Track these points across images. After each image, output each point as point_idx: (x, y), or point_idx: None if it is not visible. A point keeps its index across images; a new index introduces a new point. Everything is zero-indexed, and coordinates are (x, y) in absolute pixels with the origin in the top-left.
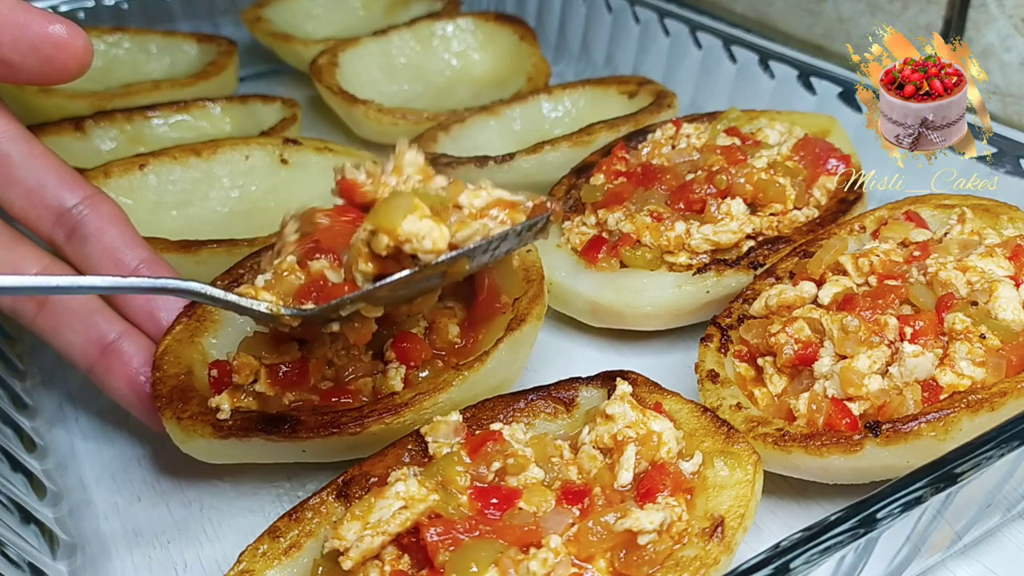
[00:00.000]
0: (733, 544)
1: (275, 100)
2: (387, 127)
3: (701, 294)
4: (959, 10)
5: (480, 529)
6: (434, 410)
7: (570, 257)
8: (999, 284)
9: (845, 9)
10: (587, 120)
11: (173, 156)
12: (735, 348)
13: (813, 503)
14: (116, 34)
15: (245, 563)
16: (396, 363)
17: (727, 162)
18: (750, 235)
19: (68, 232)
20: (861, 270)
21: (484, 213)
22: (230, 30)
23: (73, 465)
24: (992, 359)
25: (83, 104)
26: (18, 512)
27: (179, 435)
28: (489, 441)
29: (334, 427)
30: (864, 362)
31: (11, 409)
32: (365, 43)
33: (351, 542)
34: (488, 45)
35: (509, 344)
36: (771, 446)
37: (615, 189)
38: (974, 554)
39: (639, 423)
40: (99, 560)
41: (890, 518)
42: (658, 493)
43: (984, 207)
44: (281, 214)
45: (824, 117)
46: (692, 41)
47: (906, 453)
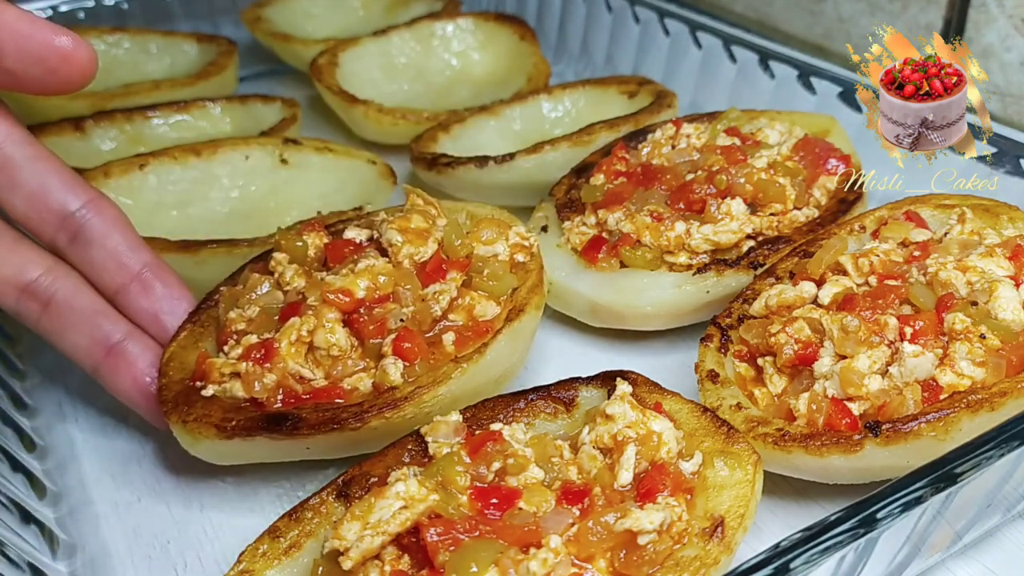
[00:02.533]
0: (733, 544)
1: (275, 100)
2: (387, 127)
3: (701, 294)
4: (959, 10)
5: (480, 529)
6: (434, 403)
7: (570, 257)
8: (999, 284)
9: (845, 9)
10: (587, 120)
11: (173, 156)
12: (735, 348)
13: (813, 503)
14: (116, 34)
15: (245, 563)
16: (394, 358)
17: (727, 162)
18: (750, 235)
19: (71, 236)
20: (861, 270)
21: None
22: (230, 30)
23: (73, 465)
24: (992, 359)
25: (83, 104)
26: (18, 512)
27: (186, 439)
28: (489, 441)
29: (335, 423)
30: (864, 362)
31: (11, 409)
32: (365, 43)
33: (351, 542)
34: (488, 45)
35: (508, 335)
36: (771, 446)
37: (615, 189)
38: (974, 554)
39: (639, 423)
40: (99, 560)
41: (890, 518)
42: (658, 493)
43: (984, 207)
44: (281, 213)
45: (824, 117)
46: (692, 41)
47: (906, 453)
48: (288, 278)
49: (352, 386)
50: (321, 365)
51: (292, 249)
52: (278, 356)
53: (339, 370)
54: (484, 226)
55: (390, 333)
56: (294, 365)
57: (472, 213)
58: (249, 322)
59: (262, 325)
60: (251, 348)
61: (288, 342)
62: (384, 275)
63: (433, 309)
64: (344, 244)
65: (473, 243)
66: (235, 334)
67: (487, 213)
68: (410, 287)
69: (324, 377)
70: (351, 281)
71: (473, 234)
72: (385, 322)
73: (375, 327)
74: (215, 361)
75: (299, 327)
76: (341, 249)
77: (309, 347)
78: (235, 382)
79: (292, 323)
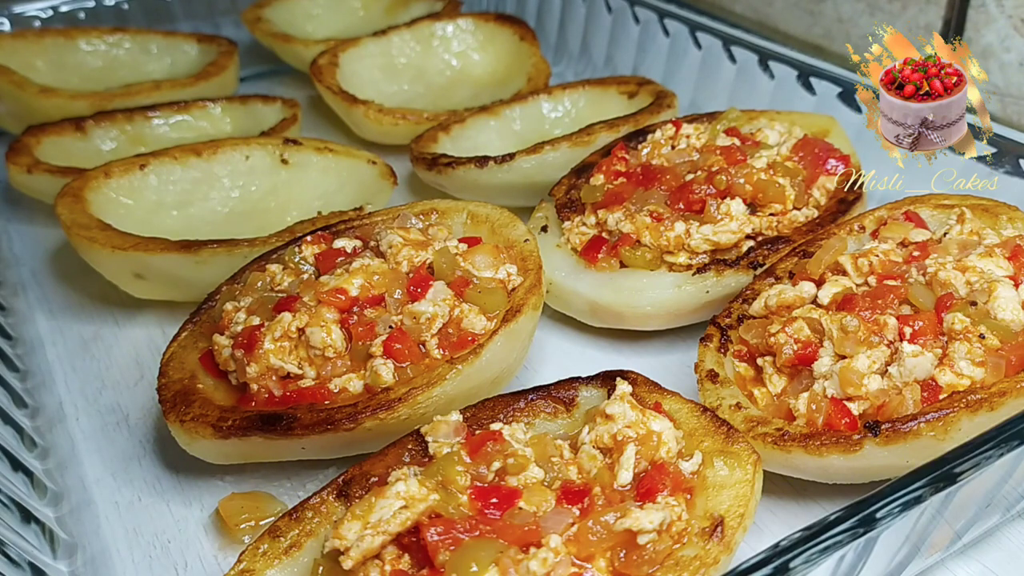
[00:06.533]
0: (733, 544)
1: (275, 100)
2: (387, 127)
3: (701, 294)
4: (959, 10)
5: (480, 529)
6: (429, 404)
7: (570, 257)
8: (998, 284)
9: (845, 9)
10: (587, 120)
11: (173, 156)
12: (735, 348)
13: (813, 503)
14: (117, 34)
15: (245, 563)
16: (384, 359)
17: (727, 162)
18: (750, 235)
19: None
20: (860, 270)
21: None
22: (230, 30)
23: (73, 465)
24: (991, 359)
25: (84, 104)
26: (18, 512)
27: (183, 438)
28: (489, 441)
29: (329, 424)
30: (863, 362)
31: (11, 409)
32: (365, 43)
33: (351, 542)
34: (488, 45)
35: (505, 335)
36: (771, 446)
37: (615, 189)
38: (974, 554)
39: (639, 423)
40: (99, 560)
41: (890, 518)
42: (658, 493)
43: (984, 207)
44: (282, 213)
45: (824, 117)
46: (692, 41)
47: (905, 453)
48: (279, 280)
49: (340, 387)
50: (314, 364)
51: (289, 261)
52: (261, 349)
53: (328, 370)
54: (480, 252)
55: (378, 336)
56: (276, 361)
57: (472, 213)
58: (245, 311)
59: (255, 313)
60: (237, 336)
61: (272, 338)
62: (379, 275)
63: (423, 335)
64: (336, 253)
65: (468, 268)
66: (231, 324)
67: (487, 213)
68: (399, 294)
69: (315, 377)
70: (346, 280)
71: (468, 261)
72: (374, 325)
73: (364, 329)
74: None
75: (287, 324)
76: (332, 259)
77: (296, 344)
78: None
79: (281, 318)
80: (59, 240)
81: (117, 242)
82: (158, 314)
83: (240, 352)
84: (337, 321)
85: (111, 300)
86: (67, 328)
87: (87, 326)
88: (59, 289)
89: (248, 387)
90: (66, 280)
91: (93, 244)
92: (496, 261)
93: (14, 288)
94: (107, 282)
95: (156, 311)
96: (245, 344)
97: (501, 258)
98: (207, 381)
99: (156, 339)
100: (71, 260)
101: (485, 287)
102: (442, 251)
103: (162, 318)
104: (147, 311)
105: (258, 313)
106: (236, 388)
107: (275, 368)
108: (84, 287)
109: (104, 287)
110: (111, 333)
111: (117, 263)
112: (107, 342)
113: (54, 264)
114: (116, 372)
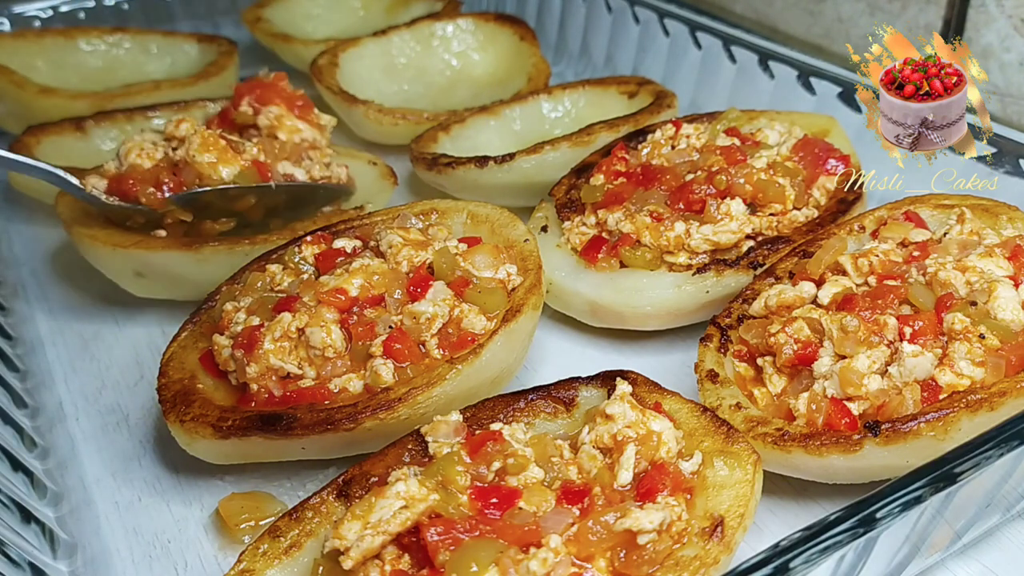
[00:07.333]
0: (733, 544)
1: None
2: (387, 127)
3: (701, 294)
4: (959, 10)
5: (480, 529)
6: (429, 404)
7: (570, 257)
8: (998, 284)
9: (845, 9)
10: (587, 120)
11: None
12: (735, 348)
13: (813, 503)
14: (116, 34)
15: (245, 563)
16: (383, 359)
17: (727, 162)
18: (750, 235)
19: None
20: (860, 270)
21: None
22: (230, 30)
23: (73, 465)
24: (991, 359)
25: (84, 104)
26: (18, 512)
27: (183, 438)
28: (489, 441)
29: (329, 424)
30: (863, 362)
31: (11, 409)
32: (365, 43)
33: (351, 542)
34: (488, 45)
35: (504, 335)
36: (771, 446)
37: (615, 189)
38: (974, 554)
39: (639, 423)
40: (99, 560)
41: (890, 518)
42: (658, 493)
43: (984, 207)
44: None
45: (824, 117)
46: (692, 41)
47: (905, 453)
48: (279, 279)
49: (340, 387)
50: (314, 364)
51: (289, 261)
52: (261, 349)
53: (328, 370)
54: (480, 252)
55: (378, 336)
56: (276, 361)
57: (472, 213)
58: (245, 311)
59: (255, 313)
60: (237, 336)
61: (272, 338)
62: (379, 275)
63: (423, 335)
64: (336, 253)
65: (468, 268)
66: (231, 324)
67: (487, 213)
68: (399, 294)
69: (315, 377)
70: (346, 280)
71: (468, 261)
72: (374, 325)
73: (364, 329)
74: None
75: (287, 324)
76: (332, 258)
77: (296, 345)
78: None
79: (281, 319)
80: (59, 240)
81: (118, 240)
82: (158, 314)
83: (240, 352)
84: (337, 321)
85: (111, 300)
86: (67, 328)
87: (87, 326)
88: (59, 289)
89: (248, 387)
90: (66, 280)
91: (94, 242)
92: (496, 261)
93: (14, 288)
94: (107, 282)
95: (156, 311)
96: (245, 344)
97: (501, 258)
98: (207, 381)
99: (156, 339)
100: (71, 260)
101: (485, 287)
102: (442, 251)
103: (162, 318)
104: (147, 311)
105: (258, 313)
106: (236, 388)
107: (275, 368)
108: (84, 287)
109: (104, 287)
110: (111, 333)
111: (118, 261)
112: (107, 342)
113: (54, 264)
114: (116, 372)
